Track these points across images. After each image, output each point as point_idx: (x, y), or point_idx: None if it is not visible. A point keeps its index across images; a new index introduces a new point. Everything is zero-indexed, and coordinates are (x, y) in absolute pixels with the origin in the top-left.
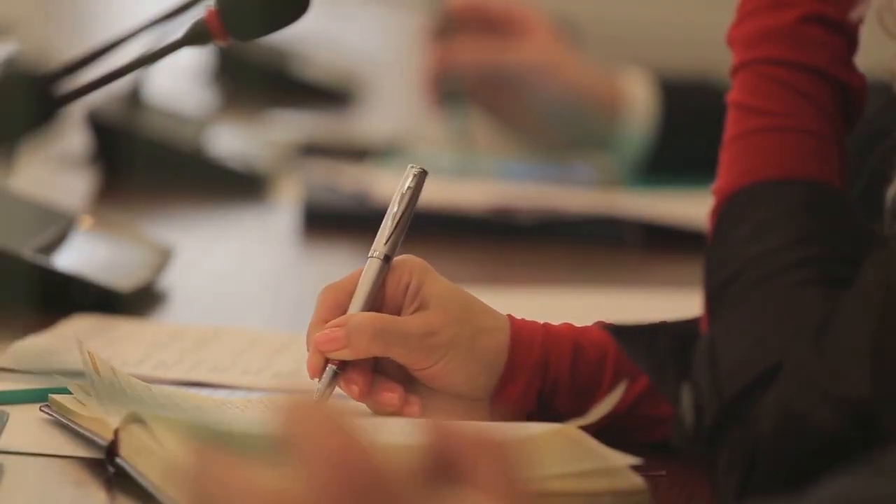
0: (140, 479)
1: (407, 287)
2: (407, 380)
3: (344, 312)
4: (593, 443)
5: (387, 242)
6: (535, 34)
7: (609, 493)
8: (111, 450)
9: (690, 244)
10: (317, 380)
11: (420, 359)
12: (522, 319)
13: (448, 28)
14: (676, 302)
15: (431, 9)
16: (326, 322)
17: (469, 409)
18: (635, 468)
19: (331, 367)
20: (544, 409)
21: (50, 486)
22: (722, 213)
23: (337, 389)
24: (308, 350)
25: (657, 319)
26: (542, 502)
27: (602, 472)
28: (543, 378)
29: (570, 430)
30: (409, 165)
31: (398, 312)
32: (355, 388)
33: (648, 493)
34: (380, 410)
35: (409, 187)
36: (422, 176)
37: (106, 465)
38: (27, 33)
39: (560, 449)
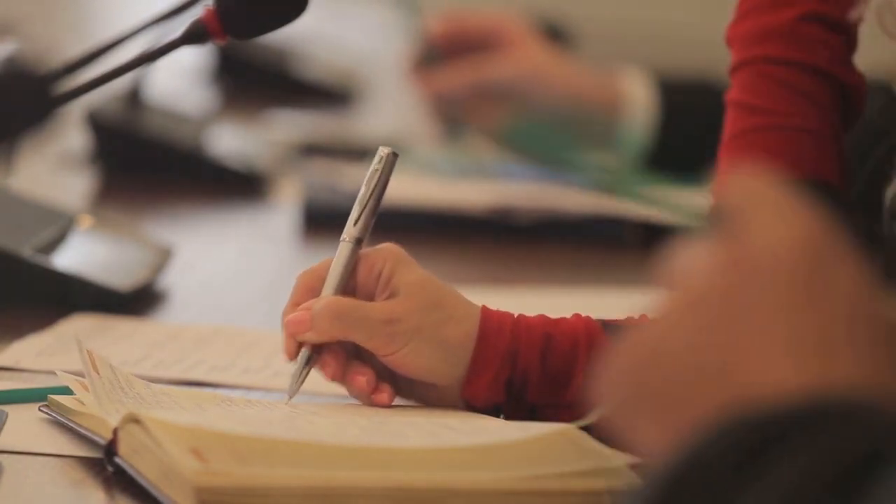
0: (139, 479)
1: (379, 274)
2: (383, 364)
3: (316, 295)
4: (593, 443)
5: (356, 225)
6: (518, 43)
7: (609, 493)
8: (110, 449)
9: None
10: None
11: (382, 345)
12: (494, 310)
13: (430, 56)
14: None
15: (409, 13)
16: (298, 305)
17: (438, 395)
18: (635, 467)
19: (305, 350)
20: (516, 399)
21: (49, 485)
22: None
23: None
24: (283, 333)
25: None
26: (541, 502)
27: (602, 472)
28: (513, 368)
29: (570, 430)
30: (380, 147)
31: (371, 299)
32: (328, 370)
33: None
34: (353, 393)
35: (376, 169)
36: (391, 158)
37: (105, 464)
38: (27, 33)
39: (560, 449)
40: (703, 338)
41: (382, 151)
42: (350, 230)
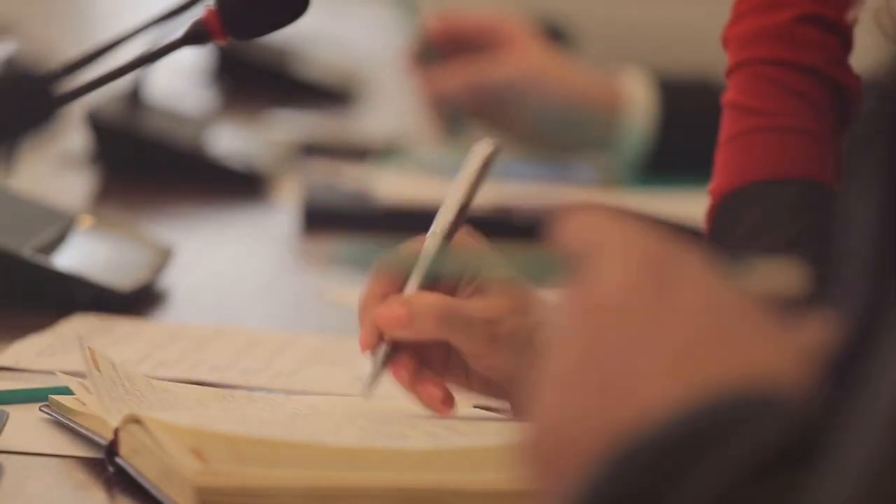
0: (140, 479)
1: (464, 268)
2: (447, 363)
3: (400, 287)
4: None
5: (450, 220)
6: (518, 42)
7: None
8: (111, 449)
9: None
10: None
11: (481, 346)
12: None
13: (429, 54)
14: None
15: (407, 13)
16: (384, 296)
17: (513, 398)
18: None
19: (385, 347)
20: None
21: (50, 485)
22: (718, 214)
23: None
24: (361, 322)
25: None
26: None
27: None
28: None
29: None
30: (480, 140)
31: (453, 292)
32: (405, 374)
33: None
34: (421, 401)
35: (480, 164)
36: (491, 153)
37: (106, 464)
38: (27, 33)
39: None
40: (578, 393)
41: (482, 147)
42: (441, 223)
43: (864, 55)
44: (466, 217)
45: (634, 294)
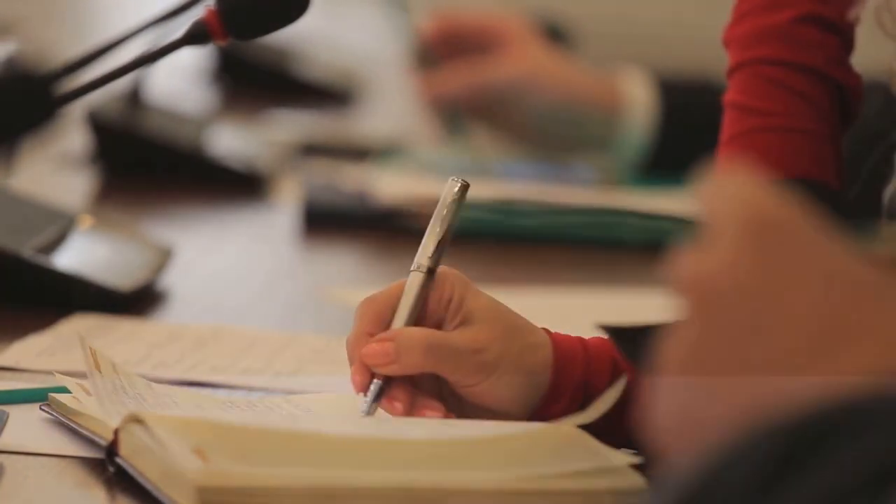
0: (140, 479)
1: (449, 301)
2: (440, 396)
3: (386, 326)
4: (593, 442)
5: (431, 255)
6: (516, 42)
7: (609, 493)
8: (111, 450)
9: None
10: (362, 395)
11: (470, 375)
12: (560, 334)
13: (427, 57)
14: None
15: (399, 13)
16: (371, 335)
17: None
18: (635, 467)
19: (377, 382)
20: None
21: (50, 486)
22: None
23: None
24: (350, 364)
25: (656, 320)
26: (542, 502)
27: (602, 471)
28: (585, 395)
29: (569, 428)
30: (451, 178)
31: (439, 326)
32: (399, 406)
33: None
34: None
35: (453, 200)
36: (464, 188)
37: (106, 464)
38: (27, 33)
39: (559, 448)
40: (700, 376)
41: (455, 184)
42: (424, 260)
43: (866, 54)
44: (446, 250)
45: (745, 274)
